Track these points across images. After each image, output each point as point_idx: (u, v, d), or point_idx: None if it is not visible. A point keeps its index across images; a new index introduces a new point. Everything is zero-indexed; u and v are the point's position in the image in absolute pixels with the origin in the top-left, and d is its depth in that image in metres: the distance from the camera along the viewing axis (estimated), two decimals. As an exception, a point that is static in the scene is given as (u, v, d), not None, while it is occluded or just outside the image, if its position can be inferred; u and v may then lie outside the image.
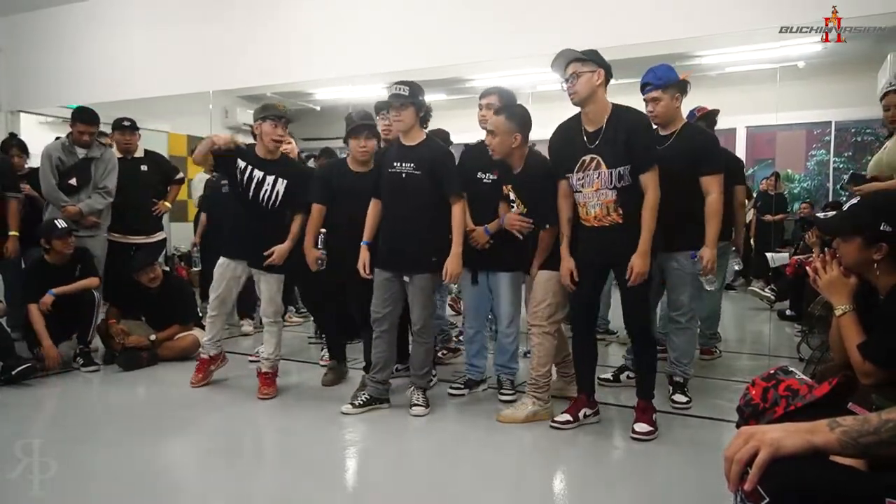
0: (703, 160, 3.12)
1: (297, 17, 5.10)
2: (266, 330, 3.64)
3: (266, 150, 3.49)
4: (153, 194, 4.72)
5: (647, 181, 2.70)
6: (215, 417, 3.32)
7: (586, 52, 2.76)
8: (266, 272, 3.55)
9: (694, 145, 3.15)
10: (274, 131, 3.44)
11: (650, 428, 2.81)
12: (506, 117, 3.05)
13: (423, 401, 3.23)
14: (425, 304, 3.18)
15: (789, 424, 1.11)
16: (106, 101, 5.86)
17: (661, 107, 3.18)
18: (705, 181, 3.11)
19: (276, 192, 3.49)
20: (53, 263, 4.05)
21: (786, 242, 6.77)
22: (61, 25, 6.22)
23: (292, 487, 2.48)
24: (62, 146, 4.38)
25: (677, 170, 3.00)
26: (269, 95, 6.83)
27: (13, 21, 6.43)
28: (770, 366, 1.50)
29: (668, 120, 3.21)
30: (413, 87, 3.09)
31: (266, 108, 3.49)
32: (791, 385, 1.49)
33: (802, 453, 1.06)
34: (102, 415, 3.33)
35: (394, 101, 3.10)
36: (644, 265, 2.69)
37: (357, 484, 2.58)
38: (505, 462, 2.73)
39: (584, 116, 2.82)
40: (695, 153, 3.13)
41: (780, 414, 1.46)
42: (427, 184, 3.09)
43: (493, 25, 4.46)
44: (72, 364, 4.06)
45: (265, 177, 3.48)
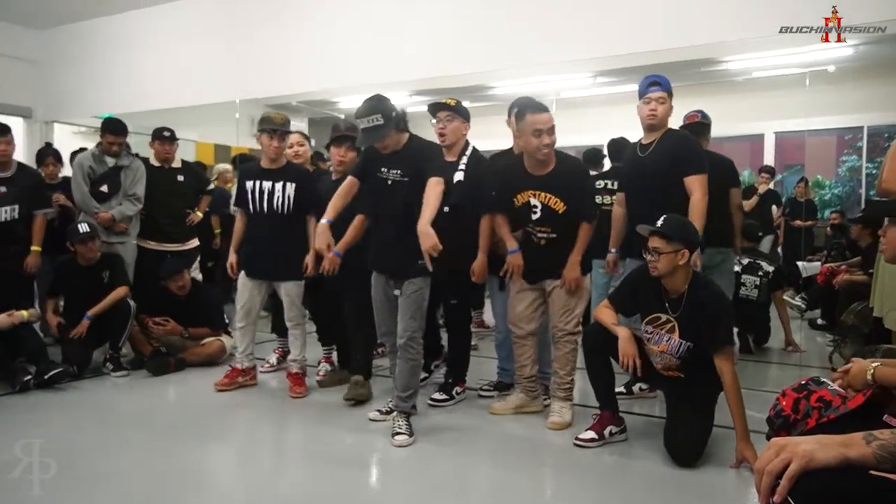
0: (684, 161, 3.12)
1: (321, 27, 5.16)
2: (291, 333, 3.73)
3: (269, 160, 3.61)
4: (187, 204, 4.82)
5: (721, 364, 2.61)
6: (243, 420, 3.37)
7: (674, 228, 2.67)
8: (285, 280, 3.62)
9: (675, 147, 3.15)
10: (270, 143, 3.55)
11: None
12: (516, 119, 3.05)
13: (407, 428, 2.93)
14: (413, 315, 2.95)
15: (822, 437, 1.09)
16: (136, 111, 6.01)
17: (663, 109, 3.17)
18: (689, 181, 3.09)
19: (288, 197, 3.58)
20: (81, 263, 4.17)
21: (816, 249, 6.63)
22: (94, 38, 6.38)
23: (321, 489, 2.49)
24: (93, 155, 4.50)
25: (658, 172, 3.09)
26: (294, 104, 6.92)
27: (48, 34, 6.61)
28: (801, 376, 1.46)
29: (663, 124, 3.21)
30: (384, 108, 2.80)
31: (263, 120, 3.61)
32: (823, 396, 1.46)
33: (836, 466, 1.03)
34: (132, 418, 3.39)
35: (373, 137, 2.84)
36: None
37: (384, 485, 2.59)
38: (525, 477, 2.71)
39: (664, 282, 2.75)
40: (676, 154, 3.12)
41: (811, 425, 1.43)
42: (415, 189, 2.84)
43: (516, 32, 4.45)
44: (102, 369, 4.15)
45: (274, 185, 3.58)
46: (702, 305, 2.66)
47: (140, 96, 6.02)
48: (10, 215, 4.17)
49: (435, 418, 3.28)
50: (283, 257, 3.60)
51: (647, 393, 3.57)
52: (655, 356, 2.80)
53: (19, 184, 4.23)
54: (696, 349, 2.67)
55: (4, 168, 4.22)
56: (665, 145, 3.16)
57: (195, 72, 5.75)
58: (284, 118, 3.64)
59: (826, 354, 4.41)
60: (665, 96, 3.16)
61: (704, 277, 2.80)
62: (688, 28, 3.97)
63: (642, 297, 2.84)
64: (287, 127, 3.65)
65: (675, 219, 2.74)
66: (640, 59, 4.25)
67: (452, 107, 3.47)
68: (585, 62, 4.72)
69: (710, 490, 2.50)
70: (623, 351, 2.75)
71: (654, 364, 2.83)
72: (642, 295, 2.84)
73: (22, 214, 4.22)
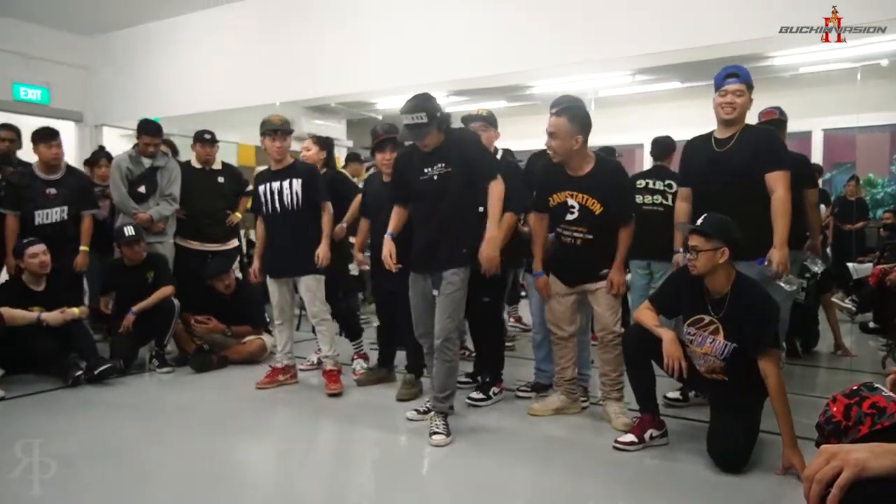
0: (766, 157, 2.95)
1: (358, 30, 5.21)
2: (317, 330, 3.77)
3: (275, 162, 3.71)
4: (227, 205, 4.92)
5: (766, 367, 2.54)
6: (281, 417, 3.43)
7: (714, 226, 2.62)
8: (303, 275, 3.67)
9: (757, 142, 2.99)
10: (273, 144, 3.65)
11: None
12: (568, 119, 2.98)
13: (444, 428, 2.92)
14: (451, 315, 2.94)
15: (876, 445, 1.05)
16: (181, 115, 6.18)
17: (742, 101, 2.99)
18: (770, 178, 2.92)
19: (295, 193, 3.65)
20: (127, 264, 4.32)
21: (867, 250, 6.40)
22: (140, 44, 6.59)
23: (356, 492, 2.51)
24: (129, 157, 4.61)
25: (739, 168, 2.92)
26: (333, 106, 7.01)
27: (97, 41, 6.85)
28: (852, 381, 1.41)
29: (741, 117, 3.04)
30: (428, 107, 2.86)
31: (263, 124, 3.69)
32: (877, 402, 1.40)
33: (890, 476, 0.99)
34: (175, 413, 3.48)
35: (416, 134, 2.90)
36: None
37: (421, 484, 2.60)
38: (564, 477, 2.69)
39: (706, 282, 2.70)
40: (758, 150, 2.96)
41: (864, 433, 1.37)
42: (461, 179, 2.92)
43: (554, 31, 4.42)
44: (147, 365, 4.27)
45: (282, 184, 3.66)
46: (745, 307, 2.59)
47: (184, 100, 6.19)
48: (60, 216, 4.35)
49: (472, 418, 3.28)
50: (298, 253, 3.66)
51: (703, 399, 3.40)
52: (699, 358, 2.74)
53: (68, 186, 4.41)
54: (741, 351, 2.60)
55: (54, 171, 4.39)
56: (747, 140, 2.99)
57: (237, 75, 5.88)
58: (283, 119, 3.72)
59: (879, 359, 4.25)
60: (743, 88, 2.98)
61: (748, 278, 2.71)
62: (730, 24, 3.88)
63: (684, 297, 2.78)
64: (286, 127, 3.70)
65: (716, 217, 2.68)
66: (679, 57, 4.18)
67: (485, 117, 3.63)
68: (624, 60, 4.66)
69: (755, 497, 2.43)
70: (668, 353, 2.70)
71: (696, 367, 2.77)
72: (684, 296, 2.78)
73: (71, 215, 4.39)
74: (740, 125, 3.05)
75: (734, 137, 3.02)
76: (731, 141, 3.03)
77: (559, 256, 3.22)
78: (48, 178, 4.37)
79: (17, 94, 6.40)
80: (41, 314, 3.92)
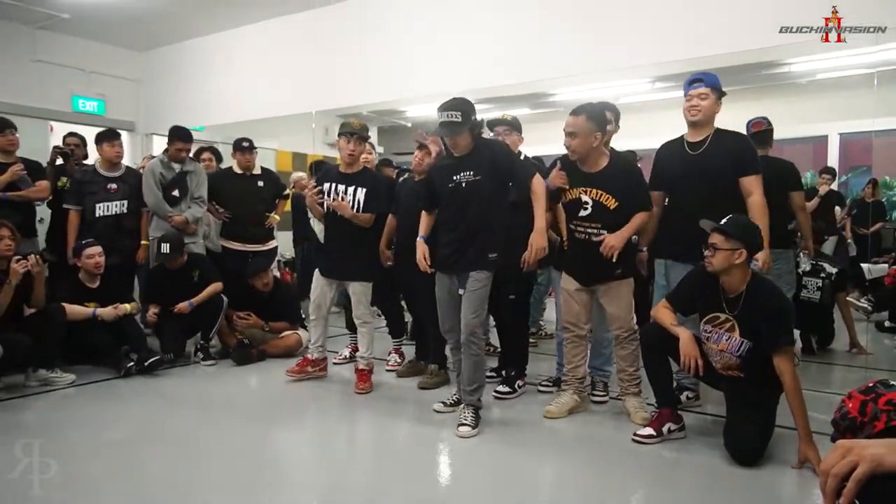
0: (742, 162, 2.95)
1: (390, 42, 5.24)
2: (359, 331, 3.77)
3: (345, 164, 3.65)
4: (267, 208, 4.98)
5: (781, 364, 2.49)
6: (316, 408, 3.46)
7: (736, 227, 2.58)
8: (354, 280, 3.68)
9: (731, 147, 2.97)
10: (347, 146, 3.58)
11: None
12: (586, 117, 2.95)
13: (472, 420, 2.93)
14: (476, 311, 2.94)
15: (892, 440, 1.02)
16: (223, 123, 6.28)
17: (706, 104, 2.99)
18: (746, 182, 2.93)
19: (358, 201, 3.61)
20: (170, 269, 4.33)
21: (883, 251, 6.23)
22: (187, 59, 6.73)
23: (386, 480, 2.53)
24: (161, 162, 4.62)
25: (715, 172, 2.92)
26: (365, 114, 7.05)
27: (148, 56, 7.02)
28: (867, 379, 1.37)
29: (707, 120, 3.03)
30: (464, 109, 2.88)
31: (342, 125, 3.66)
32: (892, 399, 1.36)
33: (907, 471, 0.96)
34: (218, 403, 3.55)
35: (448, 131, 2.90)
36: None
37: (447, 478, 2.60)
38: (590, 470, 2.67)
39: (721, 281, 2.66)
40: (732, 155, 2.95)
41: (880, 429, 1.34)
42: (489, 186, 2.93)
43: (575, 40, 4.37)
44: (192, 358, 4.35)
45: (347, 188, 3.62)
46: (760, 305, 2.55)
47: (227, 109, 6.30)
48: (120, 209, 4.49)
49: (496, 411, 3.28)
50: (351, 259, 3.64)
51: (692, 402, 3.32)
52: (715, 355, 2.70)
53: (128, 182, 4.56)
54: (757, 349, 2.56)
55: (116, 168, 4.56)
56: (722, 145, 2.99)
57: (275, 86, 5.96)
58: (362, 125, 3.69)
59: (894, 357, 4.12)
60: (707, 92, 2.98)
61: (763, 278, 2.67)
62: (748, 31, 3.80)
63: (700, 296, 2.74)
64: (364, 133, 3.67)
65: (740, 219, 2.64)
66: (699, 64, 4.09)
67: (510, 122, 3.61)
68: (644, 68, 4.60)
69: (772, 490, 2.38)
70: (685, 351, 2.66)
71: (713, 364, 2.72)
72: (701, 294, 2.74)
73: (130, 209, 4.52)
74: (710, 128, 3.04)
75: (706, 141, 3.02)
76: (704, 144, 3.02)
77: (572, 255, 3.19)
78: (109, 174, 4.51)
79: (77, 106, 6.59)
80: (96, 310, 4.04)
